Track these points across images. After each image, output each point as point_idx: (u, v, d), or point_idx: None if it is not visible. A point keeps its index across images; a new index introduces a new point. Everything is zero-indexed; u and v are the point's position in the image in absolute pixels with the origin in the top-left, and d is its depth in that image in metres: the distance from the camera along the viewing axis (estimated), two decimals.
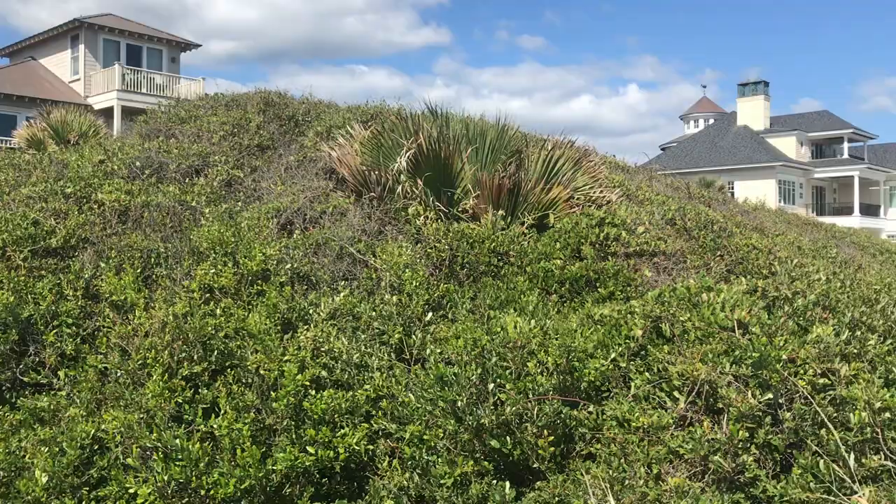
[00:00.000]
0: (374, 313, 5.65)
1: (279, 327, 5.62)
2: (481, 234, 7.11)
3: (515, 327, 4.63)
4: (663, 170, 20.86)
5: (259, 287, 6.30)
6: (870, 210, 58.19)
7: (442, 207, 7.74)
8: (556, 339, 4.50)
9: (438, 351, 4.67)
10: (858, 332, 4.46)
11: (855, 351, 4.22)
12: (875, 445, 3.57)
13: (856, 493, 3.29)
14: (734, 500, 3.53)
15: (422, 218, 7.41)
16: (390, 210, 7.84)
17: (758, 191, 45.42)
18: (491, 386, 4.06)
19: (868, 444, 3.59)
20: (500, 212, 7.60)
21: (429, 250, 6.89)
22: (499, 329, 4.75)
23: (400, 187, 7.85)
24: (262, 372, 4.90)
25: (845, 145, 60.93)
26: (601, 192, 8.87)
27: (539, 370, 4.37)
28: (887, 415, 3.51)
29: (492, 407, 4.01)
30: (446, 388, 4.14)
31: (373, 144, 8.74)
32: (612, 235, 7.11)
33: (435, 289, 6.29)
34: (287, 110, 11.97)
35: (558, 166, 8.68)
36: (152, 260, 6.74)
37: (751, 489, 3.62)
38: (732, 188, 50.31)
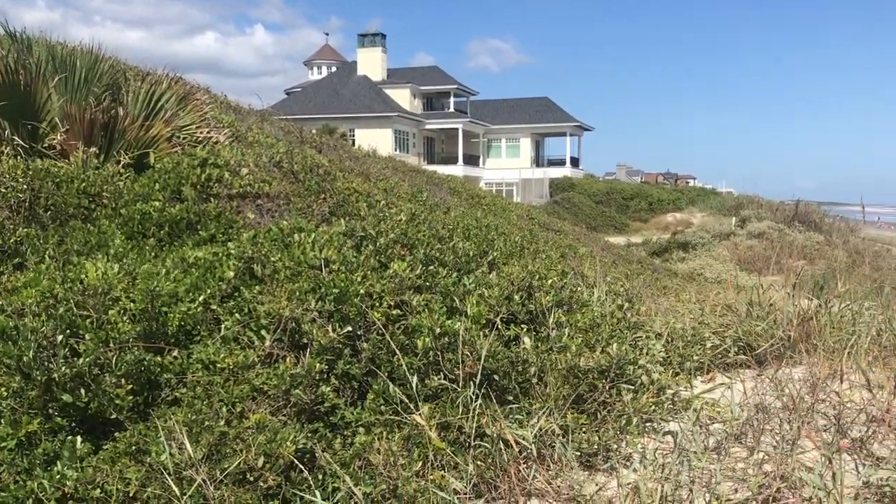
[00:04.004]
0: None
1: None
2: (70, 173, 6.46)
3: (97, 273, 4.31)
4: (283, 114, 20.95)
5: None
6: (472, 160, 64.83)
7: (21, 142, 6.89)
8: (143, 284, 4.29)
9: (3, 303, 4.18)
10: (431, 267, 4.92)
11: (427, 284, 4.66)
12: (437, 367, 4.00)
13: (417, 410, 3.66)
14: (313, 429, 3.71)
15: None
16: None
17: (377, 139, 47.93)
18: (60, 337, 3.75)
19: (431, 366, 4.00)
20: (93, 149, 6.99)
21: (4, 190, 6.09)
22: (81, 276, 4.39)
23: None
24: None
25: (452, 100, 66.81)
26: (208, 132, 8.62)
27: (123, 317, 4.14)
28: (446, 339, 3.94)
29: (63, 360, 3.70)
30: (10, 344, 3.72)
31: None
32: (215, 177, 6.94)
33: (11, 234, 5.60)
34: None
35: (161, 103, 8.24)
36: None
37: (330, 417, 3.83)
38: (353, 136, 52.41)
